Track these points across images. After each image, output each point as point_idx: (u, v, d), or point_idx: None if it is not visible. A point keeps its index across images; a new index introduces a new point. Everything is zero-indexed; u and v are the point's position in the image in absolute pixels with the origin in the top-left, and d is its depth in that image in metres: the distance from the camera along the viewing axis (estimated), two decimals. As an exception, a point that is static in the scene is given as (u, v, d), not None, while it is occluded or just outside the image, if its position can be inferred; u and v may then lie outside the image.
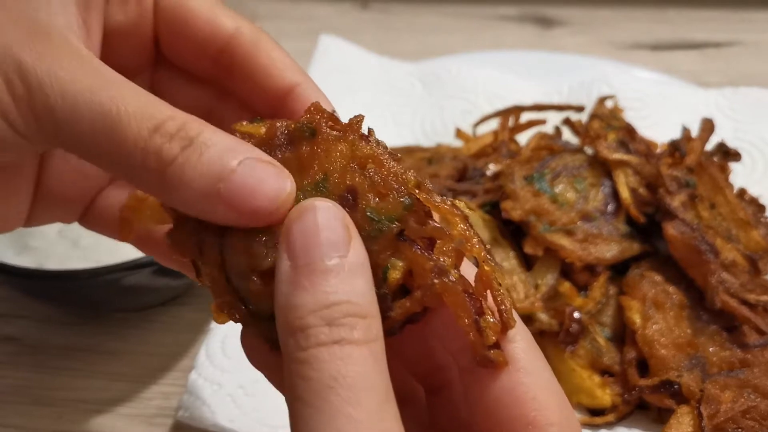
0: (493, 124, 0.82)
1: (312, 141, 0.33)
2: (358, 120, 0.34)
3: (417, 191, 0.32)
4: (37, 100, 0.30)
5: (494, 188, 0.70)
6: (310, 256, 0.29)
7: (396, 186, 0.32)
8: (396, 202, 0.32)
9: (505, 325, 0.32)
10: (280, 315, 0.29)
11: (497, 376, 0.31)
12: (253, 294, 0.31)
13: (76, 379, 0.65)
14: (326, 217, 0.30)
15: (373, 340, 0.28)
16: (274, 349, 0.32)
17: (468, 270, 0.33)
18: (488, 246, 0.33)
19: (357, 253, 0.30)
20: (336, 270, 0.29)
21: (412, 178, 0.33)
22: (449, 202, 0.33)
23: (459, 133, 0.82)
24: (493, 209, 0.69)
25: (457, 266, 0.32)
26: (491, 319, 0.31)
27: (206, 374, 0.61)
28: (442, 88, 0.90)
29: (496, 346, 0.31)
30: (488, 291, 0.32)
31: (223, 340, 0.63)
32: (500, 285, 0.32)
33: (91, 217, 0.41)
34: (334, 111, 0.35)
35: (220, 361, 0.62)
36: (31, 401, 0.63)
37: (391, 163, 0.33)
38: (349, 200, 0.32)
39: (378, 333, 0.29)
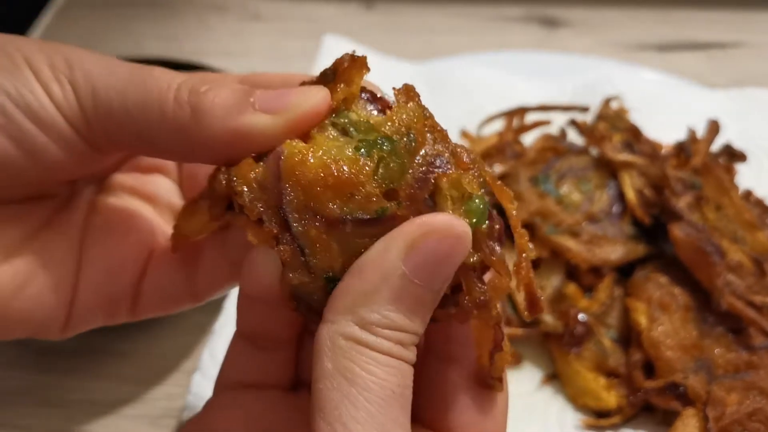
0: (498, 125, 0.82)
1: (334, 84, 0.32)
2: (410, 89, 0.31)
3: (488, 177, 0.31)
4: (76, 70, 0.32)
5: (499, 190, 0.70)
6: (424, 281, 0.29)
7: (472, 164, 0.30)
8: (474, 181, 0.30)
9: (536, 307, 0.32)
10: (360, 300, 0.28)
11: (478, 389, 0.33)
12: (310, 240, 0.29)
13: (82, 381, 0.65)
14: (461, 251, 0.29)
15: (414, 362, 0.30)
16: (296, 309, 0.31)
17: None
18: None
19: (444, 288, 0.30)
20: (429, 305, 0.29)
21: (481, 160, 0.31)
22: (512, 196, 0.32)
23: (464, 134, 0.82)
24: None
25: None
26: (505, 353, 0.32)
27: (210, 375, 0.61)
28: (446, 88, 0.89)
29: (500, 377, 0.33)
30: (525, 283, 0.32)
31: (227, 342, 0.63)
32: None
33: (140, 306, 0.39)
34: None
35: (226, 362, 0.62)
36: (39, 402, 0.63)
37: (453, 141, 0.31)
38: (437, 168, 0.29)
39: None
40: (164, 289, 0.39)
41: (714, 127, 0.72)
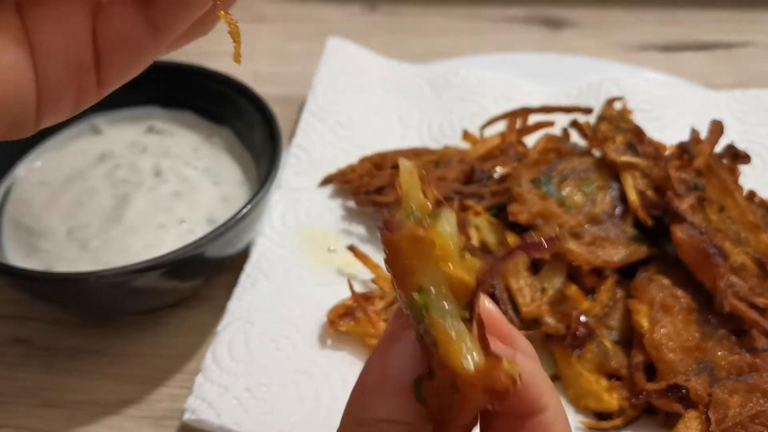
0: (501, 127, 0.82)
1: None
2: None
3: None
4: None
5: (501, 191, 0.70)
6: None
7: None
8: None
9: None
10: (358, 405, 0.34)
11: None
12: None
13: (85, 381, 0.65)
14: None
15: None
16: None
17: None
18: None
19: None
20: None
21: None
22: None
23: (466, 135, 0.82)
24: (500, 212, 0.69)
25: None
26: None
27: (213, 377, 0.61)
28: (449, 90, 0.89)
29: None
30: None
31: (230, 344, 0.63)
32: None
33: (105, 66, 0.37)
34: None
35: (227, 364, 0.62)
36: (41, 403, 0.64)
37: None
38: None
39: None
40: (123, 37, 0.37)
41: (717, 128, 0.72)
